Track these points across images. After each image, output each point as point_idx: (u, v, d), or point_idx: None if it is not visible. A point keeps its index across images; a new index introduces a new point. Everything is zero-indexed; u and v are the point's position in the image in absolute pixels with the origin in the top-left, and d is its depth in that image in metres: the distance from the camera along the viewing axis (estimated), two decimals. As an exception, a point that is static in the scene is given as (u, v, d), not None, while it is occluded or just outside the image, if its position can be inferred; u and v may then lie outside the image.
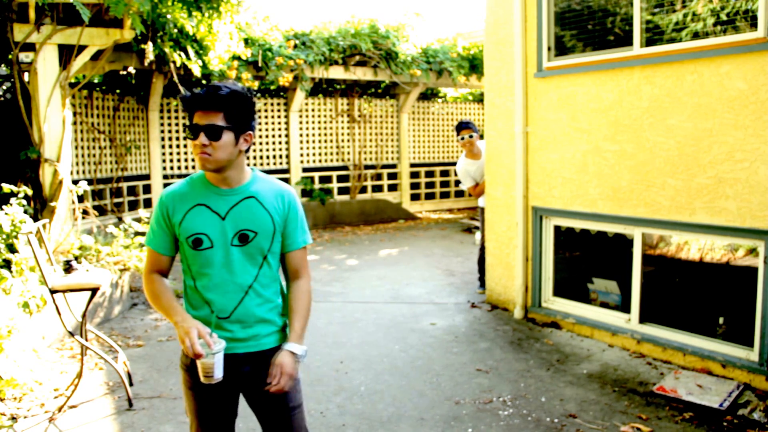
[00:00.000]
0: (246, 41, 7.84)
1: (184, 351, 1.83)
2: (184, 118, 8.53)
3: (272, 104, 9.27)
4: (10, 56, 5.20)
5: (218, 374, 1.74)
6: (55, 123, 5.12)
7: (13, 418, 3.13)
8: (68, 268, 3.40)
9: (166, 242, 1.89)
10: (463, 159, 5.47)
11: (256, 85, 8.11)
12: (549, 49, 4.51)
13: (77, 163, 6.90)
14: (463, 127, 5.33)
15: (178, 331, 1.75)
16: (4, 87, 7.01)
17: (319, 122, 9.74)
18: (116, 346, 3.70)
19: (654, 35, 3.92)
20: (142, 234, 5.50)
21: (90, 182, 7.07)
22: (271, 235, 1.86)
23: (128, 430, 3.07)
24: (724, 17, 3.59)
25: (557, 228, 4.66)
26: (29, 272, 4.01)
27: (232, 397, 1.96)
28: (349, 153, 9.99)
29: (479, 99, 11.39)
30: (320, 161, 9.78)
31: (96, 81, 7.85)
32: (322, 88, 9.83)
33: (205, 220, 1.82)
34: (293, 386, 1.91)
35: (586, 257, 4.75)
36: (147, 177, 8.20)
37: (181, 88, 6.86)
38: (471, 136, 5.29)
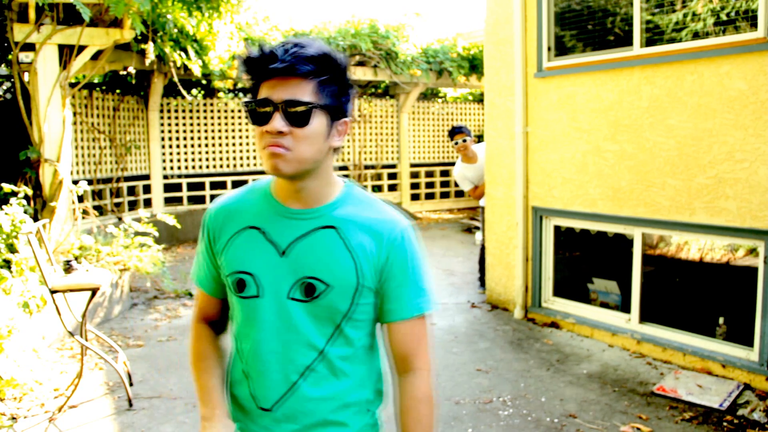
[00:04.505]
0: (246, 41, 7.85)
1: None
2: (184, 117, 8.54)
3: (272, 104, 9.26)
4: (10, 56, 5.20)
5: None
6: (55, 123, 5.12)
7: (13, 418, 3.13)
8: (68, 268, 3.40)
9: (210, 278, 1.30)
10: (460, 164, 5.48)
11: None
12: (549, 49, 4.51)
13: (77, 163, 6.90)
14: (456, 131, 5.31)
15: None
16: (4, 87, 7.02)
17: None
18: (116, 346, 3.70)
19: (654, 35, 3.92)
20: (143, 234, 5.50)
21: (90, 182, 7.07)
22: (351, 292, 1.17)
23: (128, 430, 3.07)
24: (724, 17, 3.59)
25: (557, 228, 4.66)
26: (29, 272, 4.01)
27: None
28: (348, 153, 9.99)
29: (479, 99, 11.39)
30: (320, 161, 9.78)
31: (96, 81, 7.85)
32: (323, 88, 9.82)
33: (255, 252, 1.19)
34: None
35: (586, 257, 4.75)
36: (147, 177, 8.20)
37: (181, 88, 6.87)
38: (465, 141, 5.28)
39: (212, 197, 8.82)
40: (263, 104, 1.10)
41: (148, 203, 8.15)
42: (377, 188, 10.37)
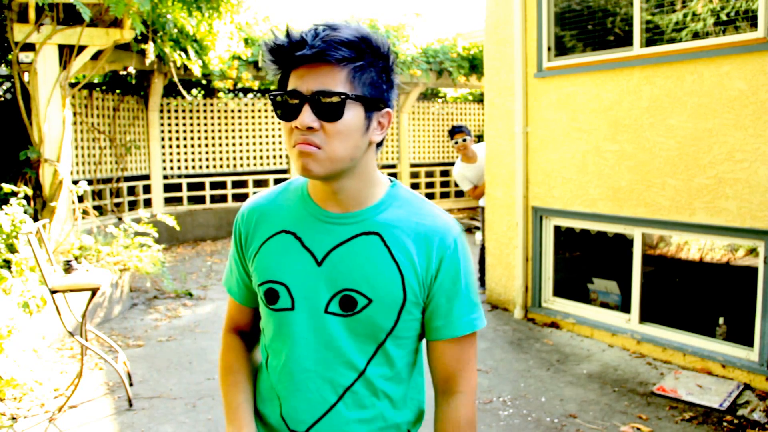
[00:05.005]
0: (246, 41, 7.85)
1: None
2: (184, 117, 8.54)
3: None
4: (10, 56, 5.20)
5: None
6: (55, 123, 5.12)
7: (13, 418, 3.13)
8: (68, 268, 3.40)
9: (242, 285, 1.20)
10: (459, 163, 5.48)
11: (256, 85, 8.11)
12: (549, 49, 4.51)
13: (77, 163, 6.90)
14: (456, 131, 5.31)
15: None
16: (4, 87, 7.02)
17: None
18: (116, 346, 3.70)
19: (654, 35, 3.92)
20: (143, 234, 5.50)
21: (90, 182, 7.07)
22: (396, 308, 1.06)
23: (128, 430, 3.06)
24: (724, 17, 3.59)
25: (557, 228, 4.66)
26: (29, 272, 4.01)
27: None
28: (349, 153, 9.98)
29: (479, 99, 11.39)
30: (320, 161, 9.78)
31: (96, 81, 7.85)
32: (322, 88, 9.82)
33: (289, 260, 1.08)
34: None
35: (586, 257, 4.75)
36: (147, 177, 8.20)
37: (181, 88, 6.87)
38: (465, 140, 5.28)
39: (212, 197, 8.83)
40: (291, 96, 0.98)
41: (148, 203, 8.15)
42: (377, 188, 10.38)
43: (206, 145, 8.75)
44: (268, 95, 1.07)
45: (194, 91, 9.31)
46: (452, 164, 10.76)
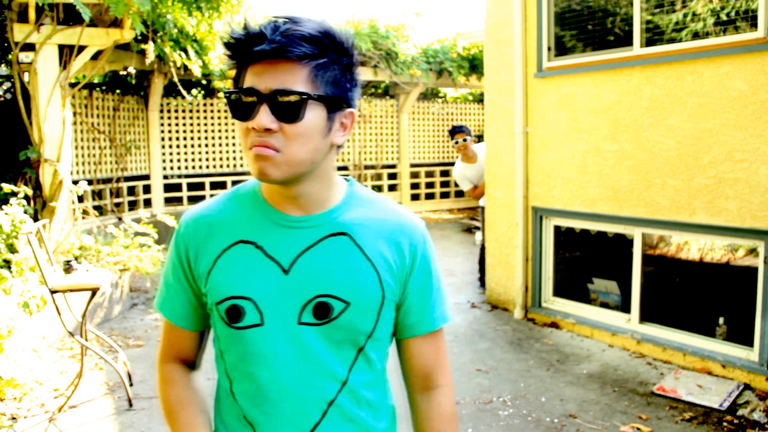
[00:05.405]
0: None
1: None
2: (184, 117, 8.54)
3: (272, 104, 9.27)
4: (10, 56, 5.20)
5: None
6: (55, 123, 5.12)
7: (13, 418, 3.13)
8: (68, 268, 3.40)
9: (188, 308, 1.08)
10: (459, 163, 5.48)
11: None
12: (549, 49, 4.52)
13: (77, 163, 6.90)
14: (457, 131, 5.32)
15: None
16: (4, 87, 7.02)
17: (319, 122, 9.73)
18: (116, 346, 3.70)
19: (654, 35, 3.92)
20: (143, 234, 5.50)
21: (90, 182, 7.07)
22: (376, 307, 1.02)
23: (128, 430, 3.06)
24: (724, 17, 3.59)
25: (557, 228, 4.66)
26: (29, 272, 4.01)
27: None
28: (348, 153, 9.99)
29: (479, 99, 11.39)
30: (320, 161, 9.78)
31: (96, 81, 7.85)
32: (322, 88, 9.83)
33: (252, 272, 1.00)
34: None
35: (586, 257, 4.75)
36: (147, 177, 8.19)
37: (181, 88, 6.87)
38: (465, 140, 5.29)
39: (212, 197, 8.82)
40: (247, 94, 0.91)
41: (148, 203, 8.15)
42: (377, 188, 10.37)
43: (206, 145, 8.75)
44: (223, 93, 1.06)
45: (194, 91, 9.30)
46: (452, 164, 10.75)
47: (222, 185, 8.87)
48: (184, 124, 8.55)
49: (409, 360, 1.11)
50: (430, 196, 10.97)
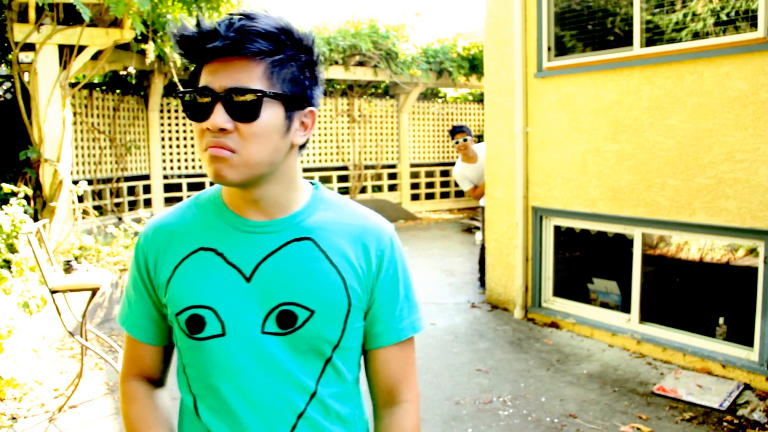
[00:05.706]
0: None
1: None
2: (184, 117, 8.53)
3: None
4: (10, 56, 5.20)
5: None
6: (55, 123, 5.12)
7: (13, 418, 3.13)
8: (68, 268, 3.41)
9: (149, 322, 1.04)
10: (460, 163, 5.49)
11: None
12: (549, 49, 4.52)
13: (77, 163, 6.90)
14: (457, 131, 5.33)
15: None
16: (4, 87, 7.02)
17: (319, 122, 9.74)
18: (116, 346, 3.70)
19: (654, 35, 3.92)
20: (142, 234, 5.49)
21: (90, 182, 7.07)
22: (343, 314, 0.98)
23: (128, 430, 3.06)
24: (724, 17, 3.59)
25: (557, 228, 4.66)
26: (29, 272, 4.01)
27: None
28: (348, 153, 9.99)
29: (479, 99, 11.39)
30: (320, 161, 9.79)
31: (96, 81, 7.85)
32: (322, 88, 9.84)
33: (213, 280, 0.96)
34: None
35: (586, 257, 4.75)
36: (147, 177, 8.20)
37: (181, 88, 6.87)
38: (465, 140, 5.29)
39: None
40: (201, 94, 0.87)
41: (148, 203, 8.15)
42: (377, 188, 10.38)
43: (206, 145, 8.74)
44: (177, 93, 1.02)
45: (194, 91, 9.29)
46: (452, 164, 10.77)
47: (222, 185, 8.85)
48: (184, 124, 8.55)
49: (374, 372, 1.05)
50: (430, 196, 10.97)
